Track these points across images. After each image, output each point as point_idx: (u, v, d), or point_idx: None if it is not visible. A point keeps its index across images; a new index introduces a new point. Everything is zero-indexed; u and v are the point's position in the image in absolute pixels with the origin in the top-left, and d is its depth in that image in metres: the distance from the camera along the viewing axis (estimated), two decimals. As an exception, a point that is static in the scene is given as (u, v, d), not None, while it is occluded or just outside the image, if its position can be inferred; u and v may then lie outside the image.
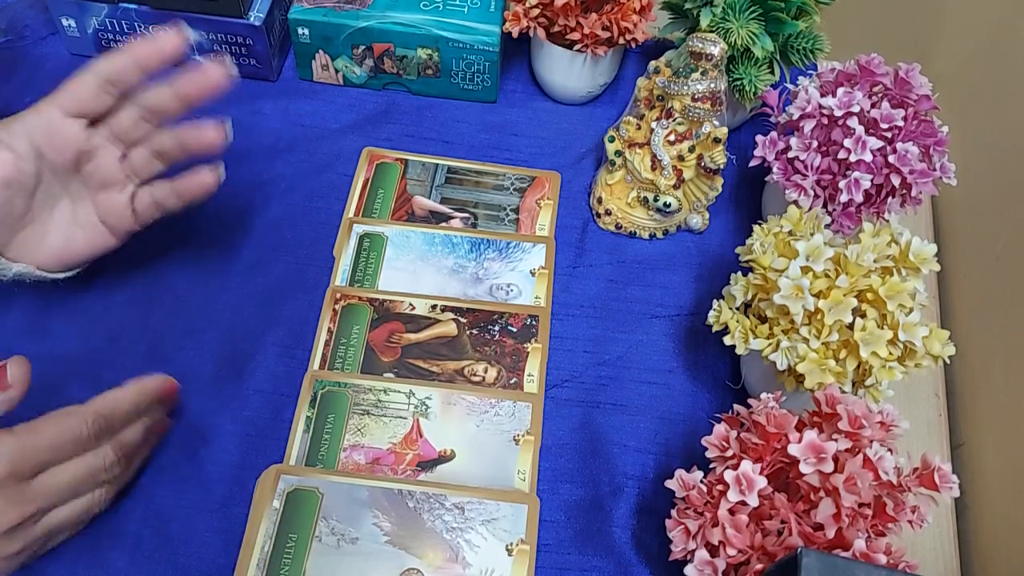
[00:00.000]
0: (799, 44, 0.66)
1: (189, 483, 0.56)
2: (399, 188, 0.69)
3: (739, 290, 0.57)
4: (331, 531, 0.54)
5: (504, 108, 0.76)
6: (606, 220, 0.69)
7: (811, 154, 0.60)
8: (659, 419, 0.61)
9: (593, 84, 0.74)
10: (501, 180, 0.71)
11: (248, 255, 0.65)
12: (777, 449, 0.48)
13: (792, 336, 0.53)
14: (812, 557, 0.39)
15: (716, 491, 0.48)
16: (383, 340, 0.62)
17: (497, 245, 0.67)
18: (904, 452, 0.50)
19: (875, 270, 0.53)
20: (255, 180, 0.69)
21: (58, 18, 0.72)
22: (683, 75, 0.63)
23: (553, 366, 0.62)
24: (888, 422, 0.48)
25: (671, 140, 0.65)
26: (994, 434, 0.63)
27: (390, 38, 0.71)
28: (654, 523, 0.57)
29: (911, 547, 0.57)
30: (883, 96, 0.61)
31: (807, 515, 0.46)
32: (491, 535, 0.54)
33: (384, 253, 0.66)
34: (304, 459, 0.56)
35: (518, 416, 0.59)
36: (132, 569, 0.53)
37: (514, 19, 0.69)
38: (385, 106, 0.75)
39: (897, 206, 0.61)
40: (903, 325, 0.50)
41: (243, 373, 0.60)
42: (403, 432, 0.58)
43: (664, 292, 0.67)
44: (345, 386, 0.59)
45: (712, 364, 0.64)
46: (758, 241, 0.56)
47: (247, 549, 0.53)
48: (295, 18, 0.70)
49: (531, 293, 0.65)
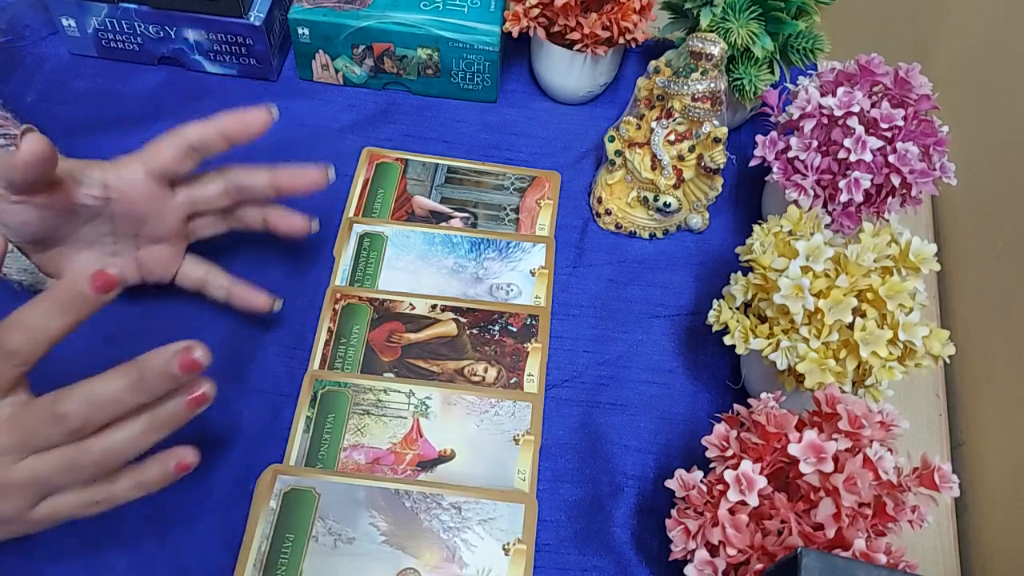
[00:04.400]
0: (799, 44, 0.66)
1: (189, 483, 0.55)
2: (399, 188, 0.69)
3: (739, 290, 0.56)
4: (328, 531, 0.54)
5: (504, 108, 0.76)
6: (606, 220, 0.69)
7: (811, 154, 0.60)
8: (659, 419, 0.61)
9: (593, 84, 0.74)
10: (501, 180, 0.71)
11: (248, 255, 0.65)
12: (777, 449, 0.48)
13: (792, 336, 0.53)
14: (812, 557, 0.39)
15: (716, 491, 0.48)
16: (383, 340, 0.62)
17: (497, 245, 0.67)
18: (904, 452, 0.50)
19: (875, 270, 0.53)
20: (255, 180, 0.69)
21: (58, 18, 0.72)
22: (683, 75, 0.63)
23: (553, 366, 0.62)
24: (888, 422, 0.48)
25: (671, 140, 0.65)
26: (994, 434, 0.63)
27: (390, 38, 0.71)
28: (654, 523, 0.57)
29: (911, 547, 0.57)
30: (883, 96, 0.61)
31: (807, 515, 0.46)
32: (488, 535, 0.54)
33: (384, 253, 0.66)
34: (304, 459, 0.56)
35: (518, 416, 0.59)
36: (132, 569, 0.53)
37: (514, 19, 0.69)
38: (385, 106, 0.75)
39: (897, 206, 0.61)
40: (903, 325, 0.50)
41: (243, 373, 0.60)
42: (403, 432, 0.58)
43: (664, 292, 0.67)
44: (345, 386, 0.59)
45: (712, 364, 0.64)
46: (758, 241, 0.56)
47: (246, 549, 0.53)
48: (295, 18, 0.70)
49: (531, 293, 0.65)
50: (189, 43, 0.72)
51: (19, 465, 0.42)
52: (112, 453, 0.44)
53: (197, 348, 0.42)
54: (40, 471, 0.43)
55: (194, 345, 0.42)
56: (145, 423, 0.44)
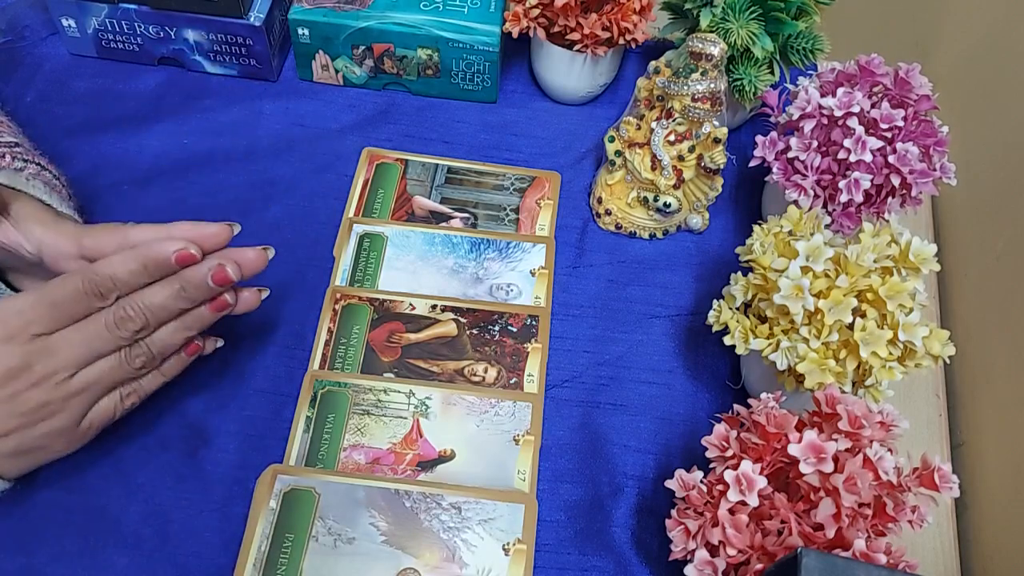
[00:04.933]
0: (799, 44, 0.66)
1: (189, 483, 0.56)
2: (399, 188, 0.70)
3: (739, 290, 0.57)
4: (328, 531, 0.54)
5: (504, 108, 0.76)
6: (606, 220, 0.69)
7: (811, 154, 0.60)
8: (659, 419, 0.61)
9: (593, 84, 0.74)
10: (501, 180, 0.71)
11: (248, 255, 0.65)
12: (777, 449, 0.48)
13: (792, 336, 0.53)
14: (812, 557, 0.39)
15: (716, 491, 0.48)
16: (383, 340, 0.62)
17: (497, 245, 0.67)
18: (904, 452, 0.50)
19: (875, 270, 0.53)
20: (255, 180, 0.69)
21: (58, 18, 0.72)
22: (683, 75, 0.63)
23: (553, 366, 0.62)
24: (888, 422, 0.48)
25: (671, 140, 0.65)
26: (994, 434, 0.63)
27: (390, 38, 0.71)
28: (654, 523, 0.57)
29: (911, 547, 0.57)
30: (883, 96, 0.61)
31: (807, 515, 0.46)
32: (488, 535, 0.54)
33: (384, 253, 0.66)
34: (304, 459, 0.56)
35: (518, 416, 0.59)
36: (132, 569, 0.53)
37: (514, 19, 0.69)
38: (385, 106, 0.75)
39: (897, 206, 0.61)
40: (903, 325, 0.50)
41: (243, 373, 0.60)
42: (403, 432, 0.58)
43: (664, 292, 0.67)
44: (345, 386, 0.59)
45: (712, 364, 0.64)
46: (758, 241, 0.56)
47: (246, 549, 0.53)
48: (295, 18, 0.70)
49: (531, 293, 0.65)
50: (189, 43, 0.72)
51: (76, 376, 0.48)
52: (155, 350, 0.51)
53: (229, 264, 0.51)
54: (94, 377, 0.49)
55: (226, 262, 0.51)
56: (179, 322, 0.51)
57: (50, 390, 0.47)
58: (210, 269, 0.50)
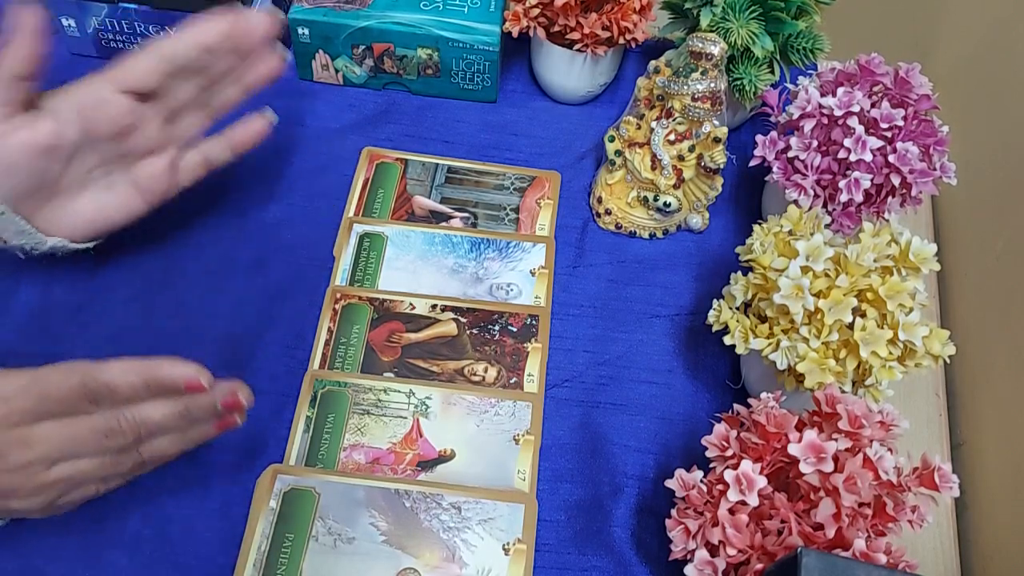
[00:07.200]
0: (799, 44, 0.66)
1: (189, 483, 0.56)
2: (399, 188, 0.70)
3: (739, 290, 0.57)
4: (328, 531, 0.54)
5: (504, 108, 0.76)
6: (606, 220, 0.69)
7: (811, 154, 0.60)
8: (659, 419, 0.61)
9: (593, 84, 0.74)
10: (501, 180, 0.71)
11: (248, 255, 0.65)
12: (777, 449, 0.48)
13: (792, 336, 0.53)
14: (812, 557, 0.39)
15: (716, 491, 0.48)
16: (383, 340, 0.62)
17: (497, 245, 0.67)
18: (904, 452, 0.50)
19: (875, 270, 0.53)
20: (255, 180, 0.69)
21: (58, 18, 0.72)
22: (683, 75, 0.63)
23: (553, 366, 0.62)
24: (888, 422, 0.48)
25: (671, 140, 0.65)
26: (994, 434, 0.63)
27: (390, 38, 0.71)
28: (654, 523, 0.57)
29: (911, 547, 0.57)
30: (883, 96, 0.61)
31: (807, 515, 0.46)
32: (488, 535, 0.54)
33: (384, 253, 0.66)
34: (304, 459, 0.56)
35: (518, 416, 0.59)
36: (132, 569, 0.53)
37: (514, 19, 0.69)
38: (385, 106, 0.75)
39: (897, 206, 0.61)
40: (903, 325, 0.50)
41: (243, 373, 0.60)
42: (403, 432, 0.58)
43: (664, 292, 0.67)
44: (345, 386, 0.59)
45: (712, 364, 0.64)
46: (758, 241, 0.56)
47: (245, 549, 0.53)
48: (295, 18, 0.70)
49: (531, 293, 0.65)
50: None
51: (53, 469, 0.45)
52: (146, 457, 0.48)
53: (242, 390, 0.48)
54: (73, 473, 0.46)
55: (239, 386, 0.48)
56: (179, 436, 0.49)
57: (23, 478, 0.44)
58: (220, 396, 0.47)
